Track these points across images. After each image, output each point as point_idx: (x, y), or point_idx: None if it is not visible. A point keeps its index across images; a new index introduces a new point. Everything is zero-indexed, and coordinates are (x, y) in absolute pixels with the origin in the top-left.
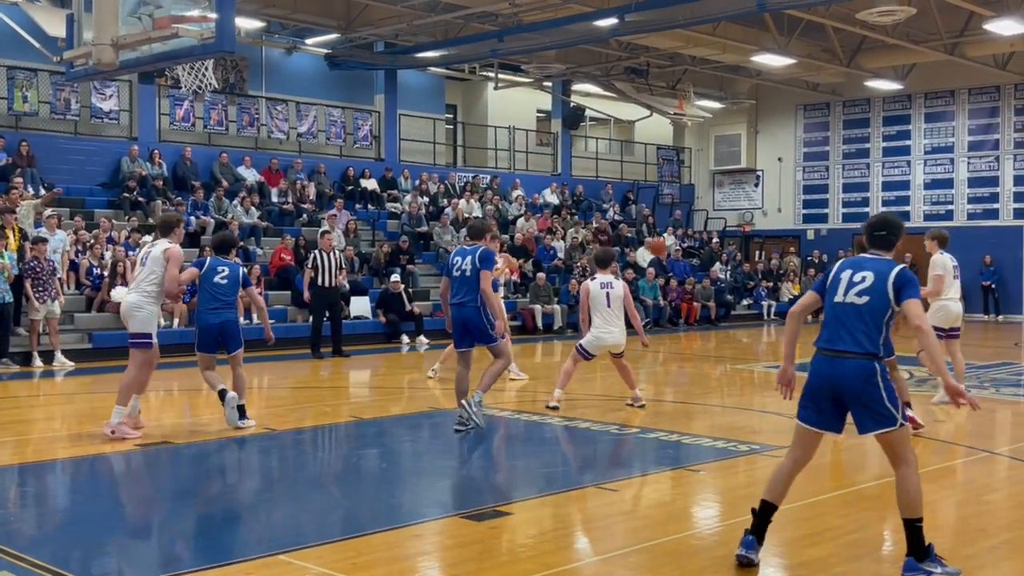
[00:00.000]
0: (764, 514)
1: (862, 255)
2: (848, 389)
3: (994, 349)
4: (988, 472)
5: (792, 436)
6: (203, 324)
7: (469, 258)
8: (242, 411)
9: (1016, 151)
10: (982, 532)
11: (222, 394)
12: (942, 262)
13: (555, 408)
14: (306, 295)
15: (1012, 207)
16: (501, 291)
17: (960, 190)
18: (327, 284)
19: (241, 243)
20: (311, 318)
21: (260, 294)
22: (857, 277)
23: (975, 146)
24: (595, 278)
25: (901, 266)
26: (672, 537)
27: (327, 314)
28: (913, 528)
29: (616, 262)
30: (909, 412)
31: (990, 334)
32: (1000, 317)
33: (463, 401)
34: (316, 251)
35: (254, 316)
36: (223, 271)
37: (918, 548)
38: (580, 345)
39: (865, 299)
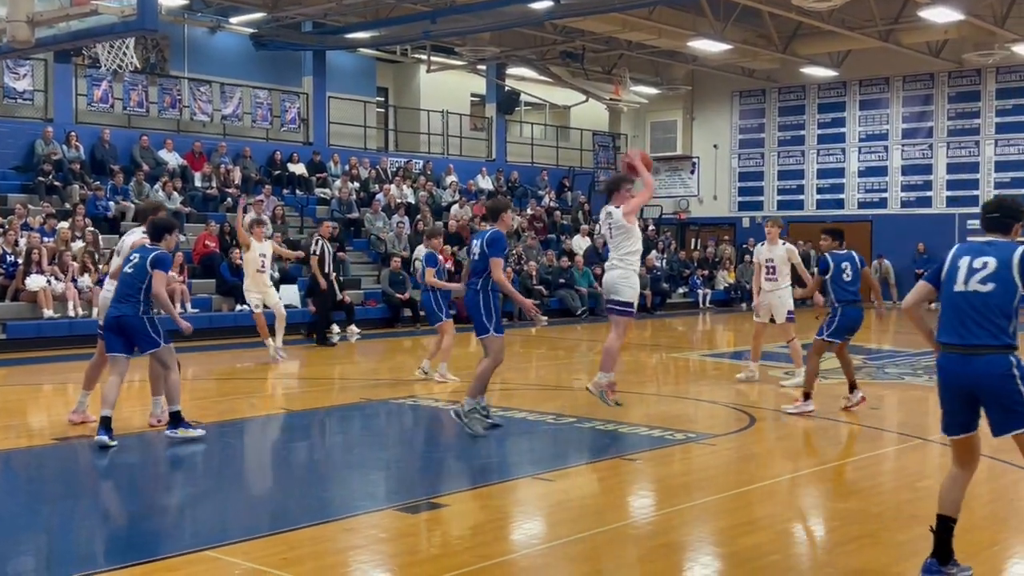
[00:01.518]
0: (943, 530)
1: (976, 240)
2: (985, 388)
3: None
4: (921, 459)
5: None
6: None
7: (477, 242)
8: (175, 418)
9: (949, 139)
10: (915, 518)
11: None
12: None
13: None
14: (322, 283)
15: (945, 195)
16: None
17: (894, 178)
18: (327, 272)
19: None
20: (317, 306)
21: (182, 282)
22: (978, 263)
23: (909, 134)
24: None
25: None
26: (610, 526)
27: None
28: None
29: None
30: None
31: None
32: (932, 305)
33: (452, 412)
34: (319, 238)
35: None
36: (134, 259)
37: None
38: None
39: (990, 286)
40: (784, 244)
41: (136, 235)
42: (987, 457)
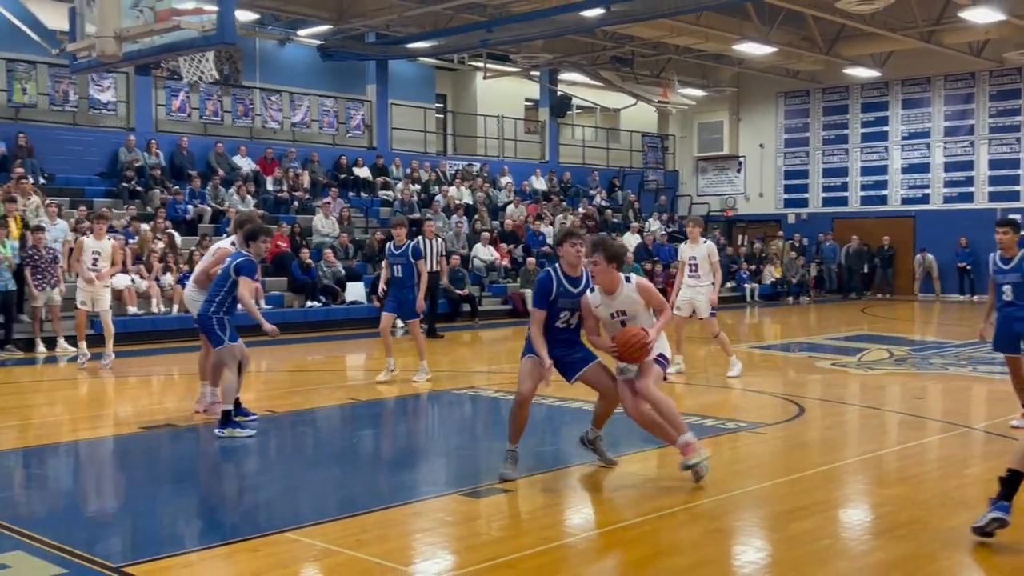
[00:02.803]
0: (1013, 481)
1: None
2: None
3: (970, 328)
4: (966, 447)
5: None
6: None
7: None
8: (226, 417)
9: (991, 136)
10: (963, 504)
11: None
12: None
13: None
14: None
15: (987, 191)
16: None
17: (936, 174)
18: (430, 268)
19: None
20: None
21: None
22: None
23: (951, 131)
24: None
25: None
26: (666, 511)
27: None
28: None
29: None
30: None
31: (966, 314)
32: (975, 297)
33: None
34: (420, 238)
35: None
36: (225, 263)
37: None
38: None
39: None
40: (706, 243)
41: (225, 243)
42: None
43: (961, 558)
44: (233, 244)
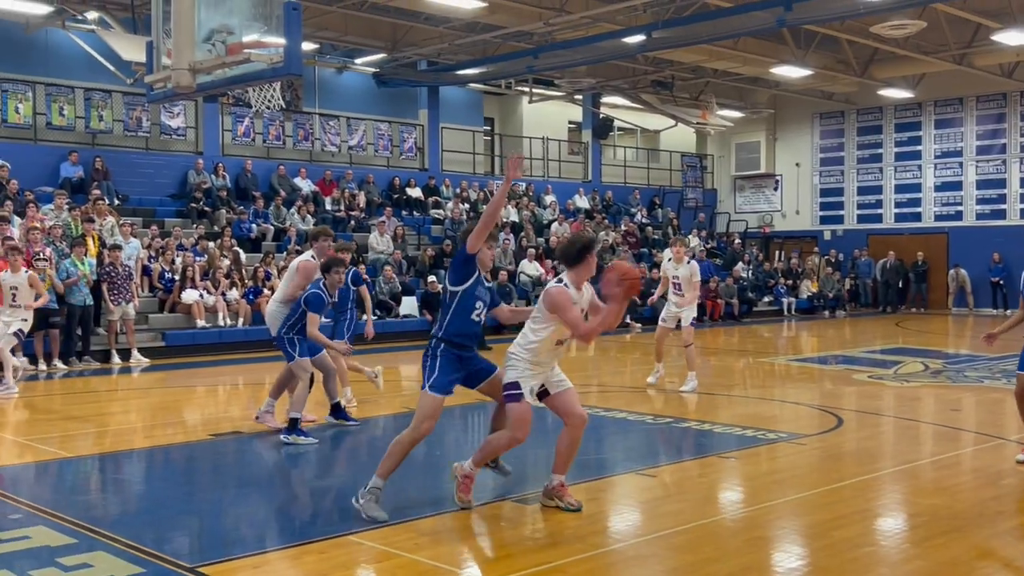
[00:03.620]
0: None
1: None
2: None
3: (1003, 341)
4: (1001, 458)
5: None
6: None
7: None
8: (292, 424)
9: (1022, 155)
10: (1000, 514)
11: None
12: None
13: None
14: None
15: (1019, 207)
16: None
17: (969, 192)
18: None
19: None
20: None
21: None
22: None
23: (983, 150)
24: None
25: None
26: (709, 519)
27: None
28: None
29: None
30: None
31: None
32: (1008, 311)
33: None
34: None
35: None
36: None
37: None
38: None
39: None
40: (689, 263)
41: (305, 257)
42: None
43: (999, 567)
44: (312, 257)
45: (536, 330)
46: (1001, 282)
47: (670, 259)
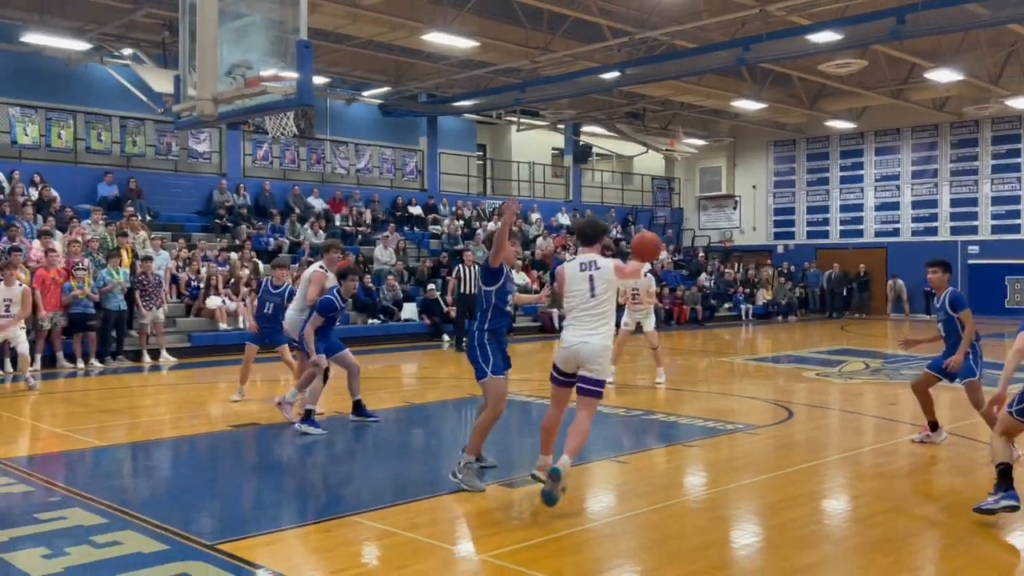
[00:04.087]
0: (1007, 472)
1: None
2: None
3: (935, 345)
4: (932, 446)
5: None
6: None
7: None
8: (307, 414)
9: (952, 179)
10: (929, 496)
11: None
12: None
13: None
14: (449, 300)
15: (949, 225)
16: None
17: (905, 212)
18: (468, 291)
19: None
20: (455, 319)
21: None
22: None
23: (917, 175)
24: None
25: None
26: (674, 501)
27: (467, 314)
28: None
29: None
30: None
31: (931, 331)
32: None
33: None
34: (459, 265)
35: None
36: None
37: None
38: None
39: None
40: (646, 276)
41: (315, 268)
42: None
43: (931, 542)
44: (322, 267)
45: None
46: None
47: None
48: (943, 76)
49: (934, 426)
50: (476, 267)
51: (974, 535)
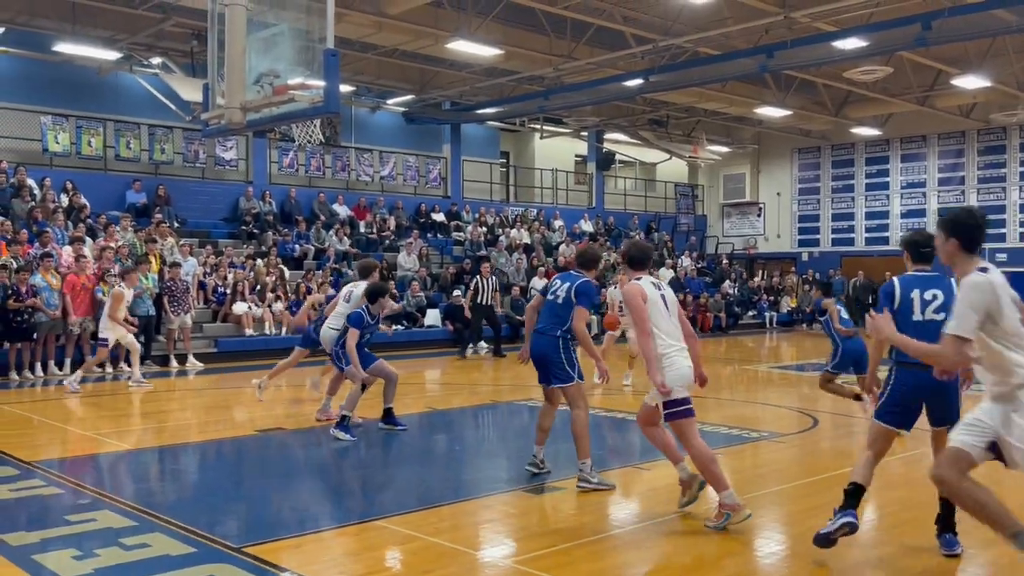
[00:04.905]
0: (856, 494)
1: (918, 272)
2: (938, 393)
3: None
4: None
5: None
6: None
7: (567, 285)
8: (342, 420)
9: (979, 186)
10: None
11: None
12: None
13: None
14: (467, 311)
15: None
16: None
17: (931, 219)
18: (485, 302)
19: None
20: (463, 327)
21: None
22: (928, 295)
23: (944, 182)
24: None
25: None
26: (700, 508)
27: (484, 323)
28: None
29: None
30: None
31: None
32: None
33: (579, 483)
34: (478, 276)
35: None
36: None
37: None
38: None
39: (942, 315)
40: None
41: (360, 287)
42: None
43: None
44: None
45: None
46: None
47: (615, 287)
48: (970, 83)
49: (858, 397)
50: (493, 278)
51: (1002, 543)
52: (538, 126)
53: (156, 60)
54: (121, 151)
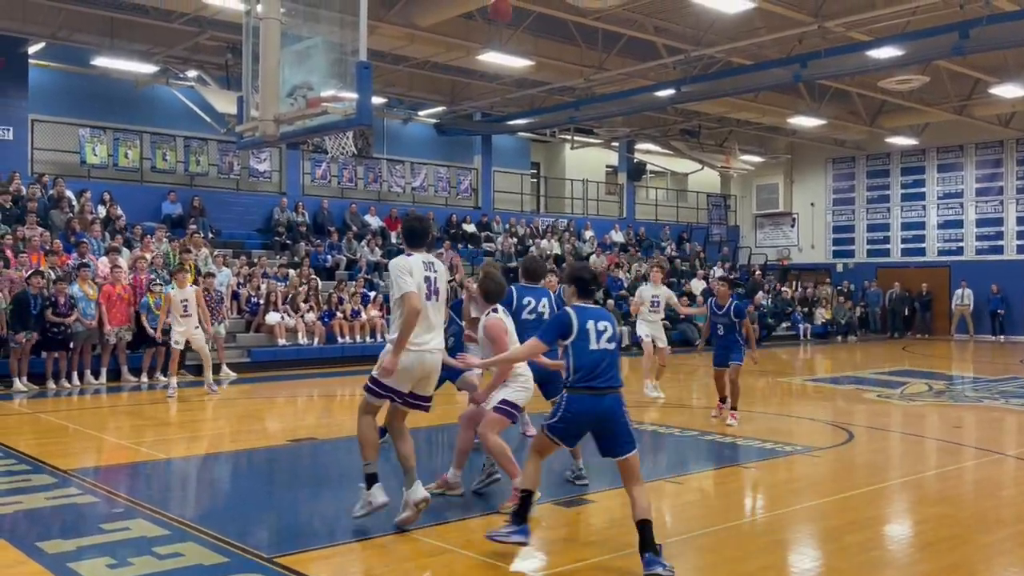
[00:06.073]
0: (525, 501)
1: (583, 304)
2: (609, 419)
3: (1002, 365)
4: (1000, 471)
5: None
6: None
7: (545, 300)
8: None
9: (1018, 196)
10: (999, 523)
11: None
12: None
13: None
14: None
15: (1015, 244)
16: None
17: (969, 230)
18: None
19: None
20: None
21: (382, 317)
22: (600, 326)
23: (982, 192)
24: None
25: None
26: (732, 523)
27: None
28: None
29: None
30: None
31: (997, 352)
32: (1001, 338)
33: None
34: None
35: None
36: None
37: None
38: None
39: (613, 344)
40: (664, 287)
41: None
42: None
43: (998, 571)
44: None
45: None
46: (1000, 312)
47: (647, 283)
48: (1008, 91)
49: (724, 399)
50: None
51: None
52: (569, 137)
53: (192, 73)
54: (157, 163)
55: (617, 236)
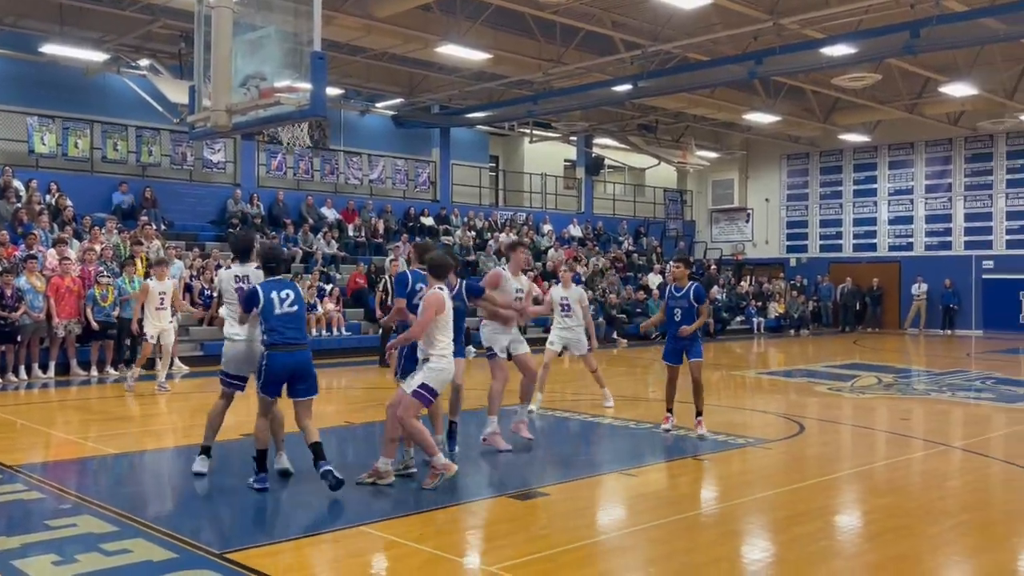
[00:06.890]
0: (260, 458)
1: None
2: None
3: (950, 359)
4: (946, 463)
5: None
6: None
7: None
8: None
9: (966, 193)
10: (944, 513)
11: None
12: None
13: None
14: (378, 313)
15: (963, 240)
16: None
17: (919, 226)
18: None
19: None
20: (380, 332)
21: (338, 311)
22: (283, 294)
23: (931, 188)
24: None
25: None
26: (684, 515)
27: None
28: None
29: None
30: None
31: (945, 346)
32: (950, 332)
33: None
34: (386, 276)
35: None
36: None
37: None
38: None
39: (296, 308)
40: (577, 287)
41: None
42: (1002, 461)
43: (944, 560)
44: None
45: None
46: (953, 306)
47: (557, 284)
48: (958, 90)
49: (671, 409)
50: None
51: (985, 552)
52: (527, 130)
53: (144, 62)
54: (108, 153)
55: (575, 230)
